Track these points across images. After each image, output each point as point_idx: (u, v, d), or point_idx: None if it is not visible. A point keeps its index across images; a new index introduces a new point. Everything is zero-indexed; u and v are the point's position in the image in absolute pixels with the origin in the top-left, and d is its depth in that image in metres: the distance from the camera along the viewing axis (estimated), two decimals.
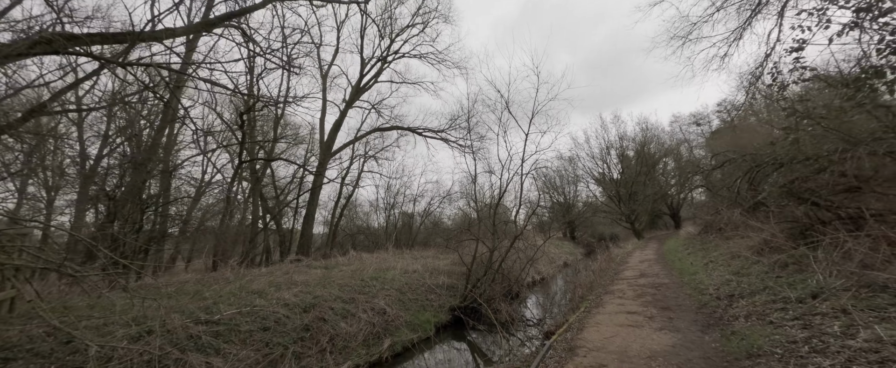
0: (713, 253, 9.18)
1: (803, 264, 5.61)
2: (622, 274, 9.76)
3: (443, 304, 9.26)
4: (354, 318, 7.15)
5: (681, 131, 35.42)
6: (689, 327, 4.81)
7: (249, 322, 5.91)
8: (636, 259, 13.17)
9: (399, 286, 9.40)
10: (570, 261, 21.34)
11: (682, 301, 6.15)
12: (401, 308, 8.34)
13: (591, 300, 6.97)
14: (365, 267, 11.39)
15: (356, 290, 8.42)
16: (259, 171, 18.17)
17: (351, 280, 9.08)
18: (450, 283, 10.48)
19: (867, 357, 2.96)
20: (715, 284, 6.57)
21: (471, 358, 7.03)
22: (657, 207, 31.55)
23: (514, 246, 9.61)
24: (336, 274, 9.80)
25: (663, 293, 6.89)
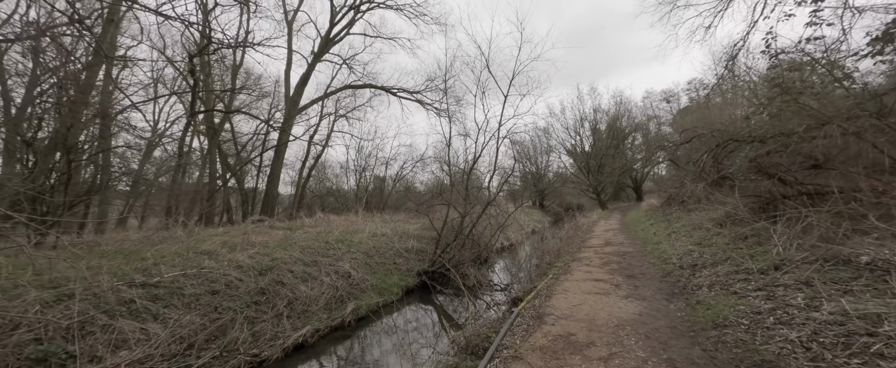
0: (676, 224, 9.43)
1: (763, 237, 5.71)
2: (589, 243, 9.90)
3: (411, 268, 9.05)
4: (316, 281, 6.76)
5: (651, 107, 36.16)
6: (654, 295, 4.80)
7: (196, 285, 5.37)
8: (601, 228, 13.51)
9: (366, 249, 9.05)
10: (537, 229, 21.83)
11: (647, 269, 6.20)
12: (367, 272, 8.03)
13: (559, 267, 6.95)
14: (331, 229, 10.89)
15: (320, 253, 7.97)
16: (217, 125, 16.69)
17: (315, 242, 8.60)
18: (419, 247, 10.26)
19: (833, 329, 2.93)
20: (678, 254, 6.67)
21: (436, 321, 6.92)
22: (622, 180, 32.65)
23: (486, 213, 9.41)
24: (299, 236, 9.26)
25: (628, 261, 6.96)
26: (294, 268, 6.85)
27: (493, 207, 9.57)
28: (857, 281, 3.51)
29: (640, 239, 9.21)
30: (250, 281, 5.91)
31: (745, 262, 4.98)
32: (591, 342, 3.46)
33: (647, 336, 3.49)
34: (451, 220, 9.32)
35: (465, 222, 8.96)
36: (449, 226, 9.50)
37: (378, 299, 7.13)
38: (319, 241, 8.69)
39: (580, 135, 30.04)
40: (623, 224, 14.47)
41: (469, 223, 8.81)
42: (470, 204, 9.13)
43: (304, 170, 20.48)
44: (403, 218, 15.43)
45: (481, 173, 13.30)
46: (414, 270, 8.95)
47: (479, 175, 13.68)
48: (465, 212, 8.86)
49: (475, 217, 8.73)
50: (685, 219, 9.34)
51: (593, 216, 20.06)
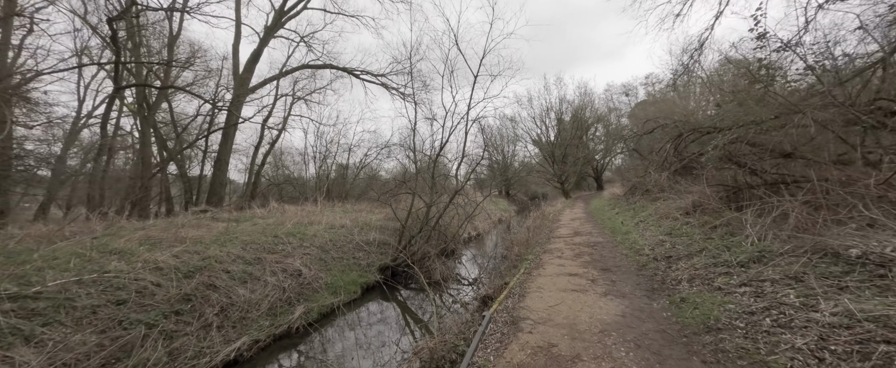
0: (642, 213, 9.35)
1: (735, 226, 5.55)
2: (557, 232, 9.63)
3: (372, 263, 8.27)
4: (259, 283, 5.82)
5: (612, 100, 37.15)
6: (633, 291, 4.42)
7: (94, 293, 4.28)
8: (567, 217, 13.42)
9: (321, 243, 8.13)
10: (504, 217, 21.69)
11: (621, 261, 5.89)
12: (322, 269, 7.16)
13: (531, 260, 6.50)
14: (284, 220, 9.81)
15: (266, 249, 6.97)
16: (152, 103, 14.64)
17: (261, 236, 7.56)
18: (382, 240, 9.47)
19: (841, 334, 2.60)
20: (650, 244, 6.44)
21: (399, 321, 6.25)
22: (584, 170, 33.45)
23: (453, 202, 8.79)
24: (245, 229, 8.15)
25: (600, 252, 6.65)
26: (232, 268, 5.86)
27: (460, 196, 8.96)
28: (849, 276, 3.25)
29: (609, 229, 9.04)
30: (171, 285, 4.88)
31: (722, 254, 4.73)
32: (576, 354, 2.94)
33: (638, 345, 3.03)
34: (417, 211, 8.62)
35: (432, 212, 8.29)
36: (414, 217, 8.79)
37: (333, 300, 6.32)
38: (267, 235, 7.66)
39: (546, 125, 30.23)
40: (588, 212, 14.49)
41: (435, 213, 8.16)
42: (436, 193, 8.46)
43: (257, 156, 18.76)
44: (366, 208, 14.49)
45: (448, 160, 12.65)
46: (375, 265, 8.18)
47: (446, 162, 13.02)
48: (431, 202, 8.18)
49: (442, 207, 8.08)
50: (651, 208, 9.28)
51: (558, 205, 20.19)
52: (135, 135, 16.59)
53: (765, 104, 6.26)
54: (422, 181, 10.68)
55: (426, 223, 8.12)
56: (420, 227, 8.21)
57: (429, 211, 8.19)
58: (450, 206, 9.03)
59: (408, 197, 9.18)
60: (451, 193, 7.93)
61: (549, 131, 30.35)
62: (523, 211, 25.80)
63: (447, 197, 8.44)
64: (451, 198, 7.94)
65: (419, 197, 8.39)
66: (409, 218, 8.48)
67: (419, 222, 8.39)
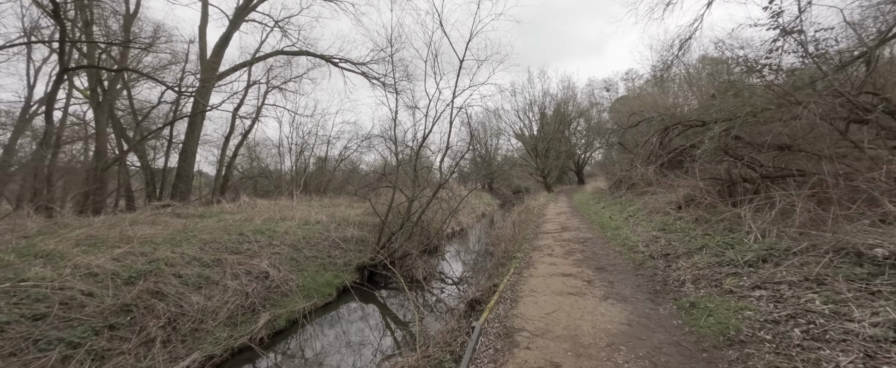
0: (630, 207, 9.09)
1: (732, 222, 5.27)
2: (544, 227, 9.26)
3: (350, 262, 7.64)
4: (217, 288, 5.12)
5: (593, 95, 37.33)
6: (635, 294, 4.02)
7: (6, 308, 3.51)
8: (552, 211, 13.13)
9: (294, 241, 7.43)
10: (487, 212, 21.34)
11: (615, 259, 5.51)
12: (293, 270, 6.49)
13: (520, 258, 6.05)
14: (254, 216, 9.01)
15: (228, 248, 6.23)
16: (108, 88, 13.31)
17: (224, 234, 6.79)
18: (361, 237, 8.83)
19: (890, 349, 2.22)
20: (643, 240, 6.11)
21: (378, 326, 5.69)
22: (566, 164, 33.55)
23: (436, 197, 8.24)
24: (207, 226, 7.36)
25: (592, 249, 6.27)
26: (185, 271, 5.12)
27: (443, 190, 8.42)
28: (878, 279, 2.92)
29: (597, 224, 8.73)
30: (107, 294, 4.13)
31: (725, 252, 4.40)
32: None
33: (653, 363, 2.59)
34: (397, 206, 8.02)
35: (414, 207, 7.71)
36: (395, 213, 8.19)
37: (304, 304, 5.68)
38: (231, 233, 6.89)
39: (529, 119, 30.00)
40: (573, 207, 14.26)
41: (418, 208, 7.59)
42: (419, 186, 7.88)
43: (227, 147, 17.58)
44: (345, 203, 13.74)
45: (431, 152, 12.05)
46: (353, 264, 7.55)
47: (429, 155, 12.42)
48: (414, 196, 7.60)
49: (425, 201, 7.52)
50: (639, 203, 9.03)
51: (541, 198, 19.98)
52: (93, 124, 15.14)
53: (761, 95, 5.98)
54: (404, 174, 10.06)
55: (408, 218, 7.54)
56: (401, 223, 7.62)
57: (410, 206, 7.61)
58: (433, 201, 8.47)
59: (389, 192, 8.56)
60: (435, 187, 7.37)
61: (532, 125, 30.17)
62: (507, 205, 25.56)
63: (430, 191, 7.87)
64: (434, 192, 7.39)
65: (401, 191, 7.80)
66: (389, 214, 7.88)
67: (400, 217, 7.80)
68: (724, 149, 6.27)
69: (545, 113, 30.23)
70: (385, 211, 7.89)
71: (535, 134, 29.68)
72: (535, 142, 28.64)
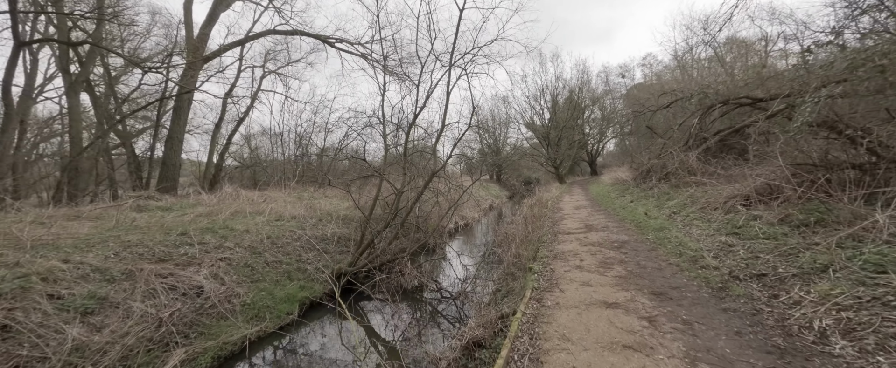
0: (670, 202, 7.28)
1: (856, 227, 3.47)
2: (563, 225, 7.53)
3: (325, 267, 6.08)
4: (116, 313, 3.59)
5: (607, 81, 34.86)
6: (741, 353, 2.32)
7: None
8: (569, 205, 11.36)
9: (254, 241, 5.90)
10: (495, 204, 19.64)
11: (675, 277, 3.80)
12: (244, 281, 4.96)
13: (538, 272, 4.37)
14: (223, 209, 7.54)
15: (155, 254, 4.71)
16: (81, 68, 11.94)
17: (161, 234, 5.29)
18: (344, 235, 7.28)
19: None
20: (709, 249, 4.35)
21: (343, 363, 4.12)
22: (579, 154, 31.41)
23: (432, 187, 6.60)
24: (151, 222, 5.89)
25: (635, 259, 4.55)
26: (72, 289, 3.61)
27: (442, 180, 6.76)
28: None
29: (631, 222, 6.96)
30: None
31: (878, 278, 2.65)
32: None
33: None
34: (385, 198, 6.41)
35: (403, 200, 6.09)
36: (382, 207, 6.58)
37: (247, 330, 4.14)
38: (172, 233, 5.38)
39: (541, 105, 27.88)
40: (592, 199, 12.45)
41: (407, 202, 5.96)
42: (410, 174, 6.25)
43: (218, 135, 16.21)
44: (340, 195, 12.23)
45: (426, 134, 10.34)
46: (328, 271, 5.99)
47: (426, 136, 10.69)
48: (403, 187, 5.97)
49: (415, 193, 5.87)
50: (681, 196, 7.20)
51: (554, 190, 18.15)
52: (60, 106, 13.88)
53: None
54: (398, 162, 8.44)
55: (396, 215, 5.92)
56: (387, 221, 6.01)
57: (397, 200, 5.98)
58: (429, 193, 6.83)
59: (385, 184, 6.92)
60: (427, 176, 5.70)
61: (544, 112, 28.04)
62: (516, 197, 23.79)
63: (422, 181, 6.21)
64: (426, 182, 5.72)
65: (387, 182, 6.17)
66: (374, 209, 6.27)
67: (390, 213, 6.19)
68: (829, 124, 4.41)
69: (557, 100, 28.06)
70: (369, 206, 6.28)
71: (547, 122, 27.60)
72: (546, 131, 26.61)
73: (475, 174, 21.93)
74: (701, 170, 7.76)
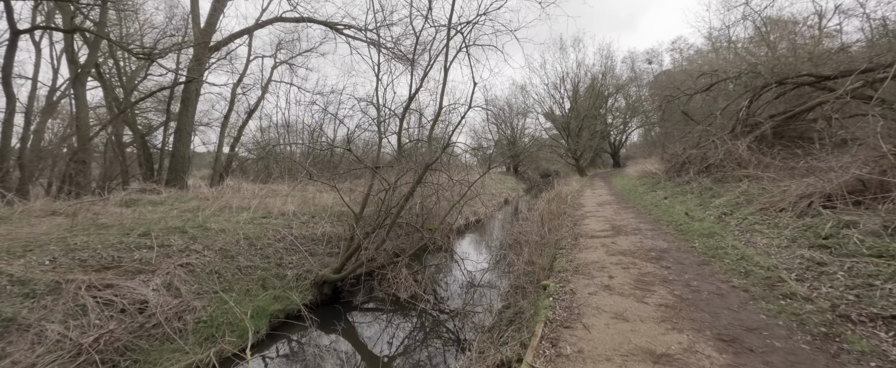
0: (716, 200, 6.00)
1: None
2: (585, 226, 6.42)
3: (308, 273, 5.27)
4: (23, 338, 2.88)
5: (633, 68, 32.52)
6: None
7: None
8: (591, 200, 10.14)
9: (229, 242, 5.15)
10: (511, 198, 18.50)
11: (745, 310, 2.70)
12: (207, 290, 4.20)
13: (554, 294, 3.34)
14: (214, 204, 6.90)
15: (100, 260, 4.00)
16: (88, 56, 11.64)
17: (124, 234, 4.60)
18: (337, 234, 6.46)
19: None
20: (789, 267, 3.19)
21: None
22: (601, 145, 29.55)
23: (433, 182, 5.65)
24: (122, 219, 5.25)
25: (682, 277, 3.45)
26: None
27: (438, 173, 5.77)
28: None
29: (667, 223, 5.77)
30: None
31: None
32: None
33: None
34: (377, 194, 5.51)
35: (396, 196, 5.17)
36: (376, 204, 5.70)
37: (197, 356, 3.35)
38: (132, 233, 4.69)
39: (561, 93, 26.15)
40: (616, 194, 11.15)
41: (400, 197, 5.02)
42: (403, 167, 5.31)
43: (227, 126, 15.82)
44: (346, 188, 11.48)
45: (423, 117, 9.31)
46: (311, 278, 5.17)
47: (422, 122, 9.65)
48: (395, 182, 5.04)
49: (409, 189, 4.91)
50: (730, 193, 5.92)
51: (574, 184, 16.80)
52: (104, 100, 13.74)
53: None
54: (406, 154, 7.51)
55: (387, 213, 5.01)
56: (380, 220, 5.11)
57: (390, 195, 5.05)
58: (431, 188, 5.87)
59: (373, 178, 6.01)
60: (422, 167, 4.74)
61: (563, 101, 26.32)
62: (534, 191, 22.51)
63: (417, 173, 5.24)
64: (419, 175, 4.75)
65: (379, 176, 5.26)
66: (366, 206, 5.38)
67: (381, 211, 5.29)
68: None
69: (578, 88, 26.23)
70: (360, 204, 5.40)
71: (567, 111, 25.91)
72: (566, 121, 24.97)
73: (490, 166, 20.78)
74: (754, 162, 6.41)
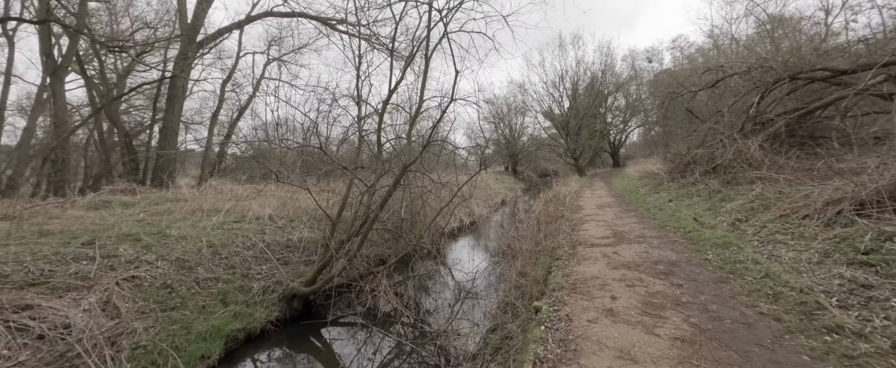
0: (727, 204, 5.45)
1: None
2: (583, 231, 5.88)
3: (277, 284, 4.73)
4: None
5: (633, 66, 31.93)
6: None
7: None
8: (591, 202, 9.59)
9: (189, 250, 4.61)
10: (508, 199, 17.96)
11: (780, 346, 2.18)
12: (155, 308, 3.66)
13: (547, 321, 2.80)
14: (182, 207, 6.36)
15: (25, 276, 3.47)
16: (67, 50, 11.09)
17: (64, 244, 4.07)
18: (315, 240, 5.92)
19: None
20: (827, 288, 2.65)
21: None
22: (600, 144, 28.99)
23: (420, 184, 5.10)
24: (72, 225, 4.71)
25: (697, 298, 2.92)
26: None
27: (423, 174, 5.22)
28: None
29: (673, 229, 5.23)
30: None
31: None
32: None
33: None
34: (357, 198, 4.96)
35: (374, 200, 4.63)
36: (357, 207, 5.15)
37: None
38: (73, 243, 4.15)
39: (560, 91, 25.56)
40: (617, 195, 10.61)
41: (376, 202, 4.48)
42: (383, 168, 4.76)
43: (215, 124, 15.28)
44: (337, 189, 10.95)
45: (400, 108, 8.76)
46: (279, 290, 4.63)
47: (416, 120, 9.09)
48: (374, 184, 4.49)
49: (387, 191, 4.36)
50: (743, 197, 5.37)
51: (573, 184, 16.25)
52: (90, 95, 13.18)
53: None
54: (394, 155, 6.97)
55: (365, 219, 4.47)
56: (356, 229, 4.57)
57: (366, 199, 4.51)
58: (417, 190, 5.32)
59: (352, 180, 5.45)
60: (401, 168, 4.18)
61: (563, 99, 25.73)
62: (532, 191, 21.96)
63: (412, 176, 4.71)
64: (397, 177, 4.19)
65: (358, 179, 4.71)
66: (343, 210, 4.85)
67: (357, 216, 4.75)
68: None
69: (578, 86, 25.65)
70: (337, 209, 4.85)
71: (567, 110, 25.33)
72: (566, 120, 24.40)
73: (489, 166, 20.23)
74: (767, 163, 5.87)
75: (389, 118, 9.74)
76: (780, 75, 6.83)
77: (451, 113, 19.58)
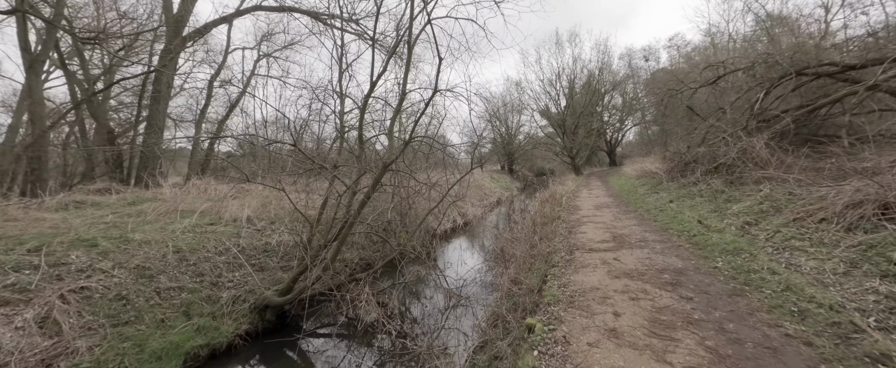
0: (733, 206, 5.11)
1: None
2: (581, 233, 5.53)
3: (249, 293, 4.33)
4: None
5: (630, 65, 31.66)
6: None
7: None
8: (588, 202, 9.24)
9: (152, 257, 4.19)
10: (504, 198, 17.60)
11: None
12: (105, 322, 3.25)
13: (541, 342, 2.44)
14: (157, 208, 5.94)
15: None
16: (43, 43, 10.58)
17: (6, 251, 3.64)
18: (297, 244, 5.52)
19: None
20: (861, 306, 2.30)
21: None
22: (597, 143, 28.70)
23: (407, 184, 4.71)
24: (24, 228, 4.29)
25: (711, 315, 2.57)
26: None
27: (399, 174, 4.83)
28: None
29: (676, 232, 4.88)
30: None
31: None
32: None
33: None
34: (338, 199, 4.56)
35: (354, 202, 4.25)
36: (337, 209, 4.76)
37: None
38: (17, 249, 3.73)
39: (557, 89, 25.21)
40: (615, 195, 10.27)
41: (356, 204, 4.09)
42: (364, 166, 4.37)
43: (202, 122, 14.79)
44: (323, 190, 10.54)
45: (384, 104, 8.37)
46: (252, 300, 4.23)
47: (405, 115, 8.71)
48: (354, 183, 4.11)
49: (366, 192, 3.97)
50: (750, 198, 5.03)
51: (570, 183, 15.91)
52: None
53: None
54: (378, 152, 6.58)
55: (344, 223, 4.07)
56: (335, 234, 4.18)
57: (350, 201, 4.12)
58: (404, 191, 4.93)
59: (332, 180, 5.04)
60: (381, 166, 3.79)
61: (559, 98, 25.38)
62: (528, 190, 21.63)
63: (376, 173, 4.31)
64: (377, 178, 3.80)
65: (337, 178, 4.32)
66: (323, 212, 4.45)
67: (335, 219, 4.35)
68: None
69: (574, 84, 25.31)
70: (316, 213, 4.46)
71: (563, 108, 25.00)
72: (562, 118, 24.07)
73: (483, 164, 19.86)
74: (775, 162, 5.53)
75: (377, 114, 9.32)
76: (785, 70, 6.50)
77: (441, 109, 19.15)
